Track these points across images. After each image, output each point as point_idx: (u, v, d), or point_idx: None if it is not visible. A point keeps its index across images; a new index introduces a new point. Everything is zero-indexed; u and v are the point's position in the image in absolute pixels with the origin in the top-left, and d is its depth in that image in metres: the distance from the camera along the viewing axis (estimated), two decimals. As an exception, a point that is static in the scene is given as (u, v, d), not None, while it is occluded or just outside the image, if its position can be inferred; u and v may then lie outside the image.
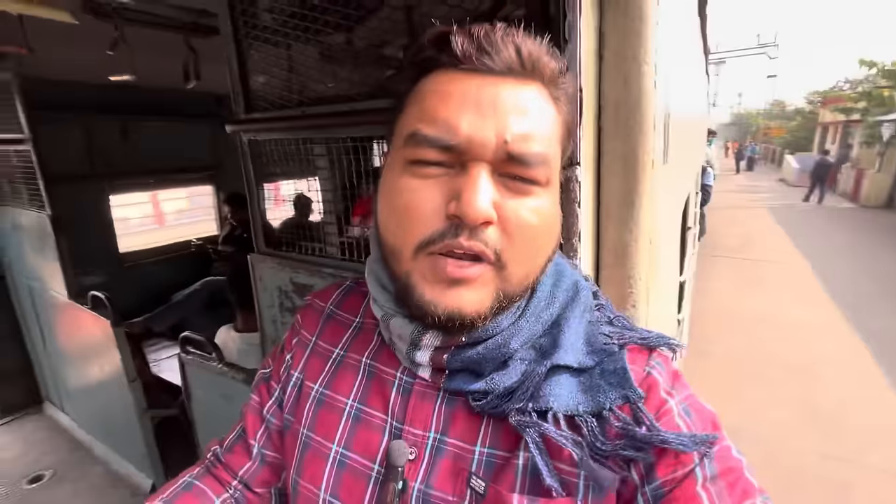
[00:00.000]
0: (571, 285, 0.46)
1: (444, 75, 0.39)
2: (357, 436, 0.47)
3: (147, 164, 3.39)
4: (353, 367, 0.50)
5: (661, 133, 0.67)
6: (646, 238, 0.63)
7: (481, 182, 0.36)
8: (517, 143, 0.37)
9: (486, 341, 0.42)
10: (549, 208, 0.40)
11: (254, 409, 0.57)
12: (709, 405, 0.42)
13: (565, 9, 0.52)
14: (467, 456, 0.42)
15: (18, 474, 2.45)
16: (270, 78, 1.19)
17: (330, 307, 0.56)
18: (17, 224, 2.48)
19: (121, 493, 2.29)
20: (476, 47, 0.37)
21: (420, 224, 0.38)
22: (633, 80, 0.58)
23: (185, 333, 1.80)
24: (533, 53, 0.38)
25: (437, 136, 0.37)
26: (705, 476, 0.36)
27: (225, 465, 0.56)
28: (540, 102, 0.39)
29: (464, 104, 0.37)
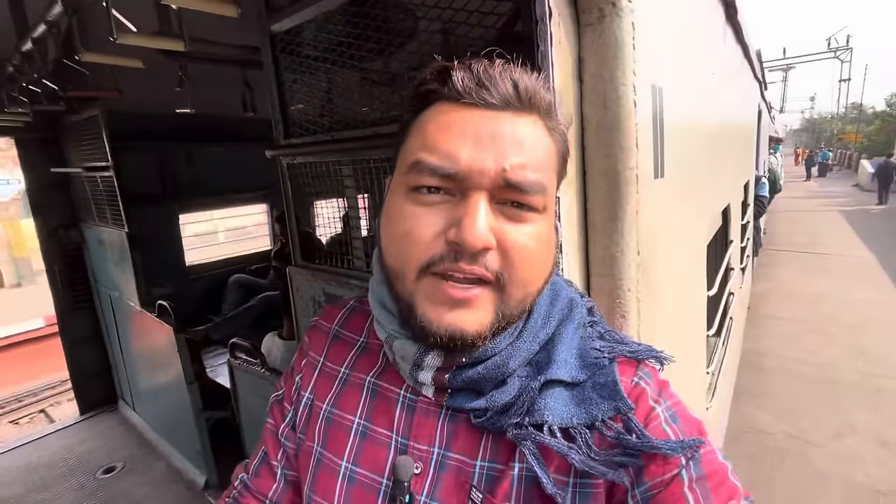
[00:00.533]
0: (567, 304, 0.48)
1: (446, 108, 0.40)
2: (365, 452, 0.49)
3: (209, 186, 3.73)
4: (359, 386, 0.52)
5: (650, 149, 0.69)
6: (633, 251, 0.65)
7: (480, 210, 0.38)
8: (515, 172, 0.38)
9: (486, 361, 0.43)
10: (545, 233, 0.42)
11: (271, 432, 0.59)
12: (693, 412, 0.43)
13: (538, 40, 0.57)
14: (469, 470, 0.44)
15: (95, 465, 2.73)
16: (306, 106, 1.31)
17: (336, 327, 0.58)
18: (101, 240, 2.82)
19: (178, 488, 2.49)
20: (476, 82, 0.39)
21: (421, 247, 0.40)
22: (612, 100, 0.61)
23: (233, 340, 1.96)
24: (529, 88, 0.40)
25: (439, 165, 0.39)
26: (691, 478, 0.37)
27: (253, 492, 0.59)
28: (536, 133, 0.40)
29: (464, 136, 0.39)
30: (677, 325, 0.93)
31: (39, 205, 2.98)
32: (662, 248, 0.79)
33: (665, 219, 0.80)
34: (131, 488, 2.52)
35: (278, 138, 1.38)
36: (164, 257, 3.45)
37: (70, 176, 2.95)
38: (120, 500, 2.44)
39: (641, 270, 0.67)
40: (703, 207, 1.21)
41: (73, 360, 3.22)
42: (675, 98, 0.87)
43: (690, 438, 0.39)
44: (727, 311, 1.84)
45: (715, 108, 1.35)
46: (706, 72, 1.20)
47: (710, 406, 1.41)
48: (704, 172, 1.22)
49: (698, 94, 1.12)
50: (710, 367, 1.46)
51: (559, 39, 0.58)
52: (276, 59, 1.32)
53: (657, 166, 0.73)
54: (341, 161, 1.22)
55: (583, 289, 0.68)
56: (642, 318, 0.69)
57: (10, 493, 2.53)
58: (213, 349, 3.21)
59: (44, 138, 2.89)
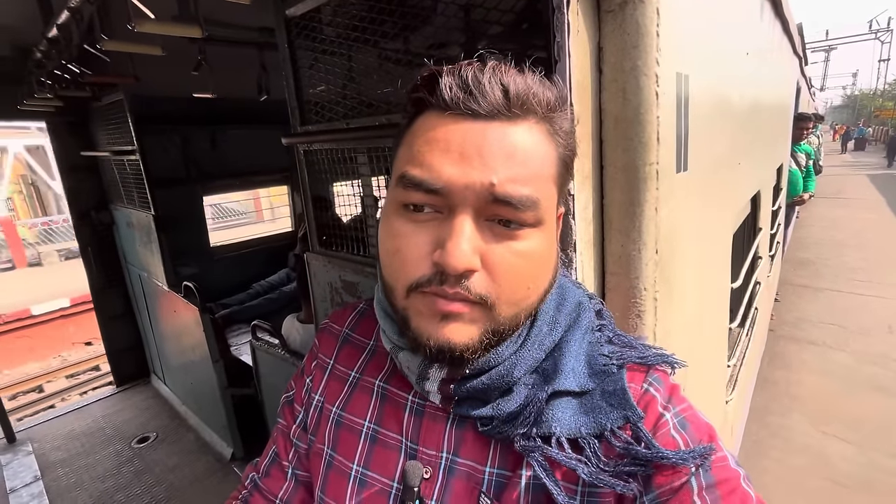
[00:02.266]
0: (574, 308, 0.47)
1: (434, 118, 0.39)
2: (375, 456, 0.49)
3: (232, 168, 3.79)
4: (368, 390, 0.52)
5: (672, 142, 0.66)
6: (650, 249, 0.63)
7: (464, 231, 0.37)
8: (503, 187, 0.36)
9: (490, 372, 0.43)
10: (539, 248, 0.40)
11: (282, 433, 0.59)
12: (706, 418, 0.42)
13: (554, 31, 0.54)
14: (479, 476, 0.44)
15: (130, 435, 2.89)
16: (322, 92, 1.30)
17: (346, 331, 0.58)
18: (130, 222, 2.92)
19: (208, 459, 2.62)
20: (464, 90, 0.37)
21: (410, 267, 0.39)
22: (632, 92, 0.58)
23: (255, 322, 2.02)
24: (522, 93, 0.37)
25: (423, 180, 0.37)
26: (701, 485, 0.37)
27: (263, 492, 0.59)
28: (531, 142, 0.38)
29: (449, 150, 0.37)
30: (697, 321, 0.91)
31: (71, 187, 3.08)
32: (683, 243, 0.76)
33: (687, 213, 0.77)
34: (164, 457, 2.67)
35: (294, 125, 1.38)
36: (189, 238, 3.54)
37: (99, 159, 3.04)
38: (154, 468, 2.59)
39: (659, 269, 0.65)
40: (730, 197, 1.15)
41: (107, 335, 3.38)
42: (704, 85, 0.83)
43: (700, 446, 0.38)
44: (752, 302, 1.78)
45: (748, 90, 1.28)
46: (740, 52, 1.12)
47: (730, 399, 1.39)
48: (733, 160, 1.16)
49: (730, 77, 1.05)
50: (732, 359, 1.42)
51: (577, 29, 0.55)
52: (292, 43, 1.31)
53: (680, 160, 0.69)
54: (357, 149, 1.21)
55: (597, 288, 0.67)
56: (659, 317, 0.67)
57: (56, 458, 2.72)
58: (236, 328, 3.32)
59: (73, 122, 2.97)
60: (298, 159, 1.41)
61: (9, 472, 2.61)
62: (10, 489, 2.47)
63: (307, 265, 1.52)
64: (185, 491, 2.39)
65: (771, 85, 1.86)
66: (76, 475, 2.56)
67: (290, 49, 1.31)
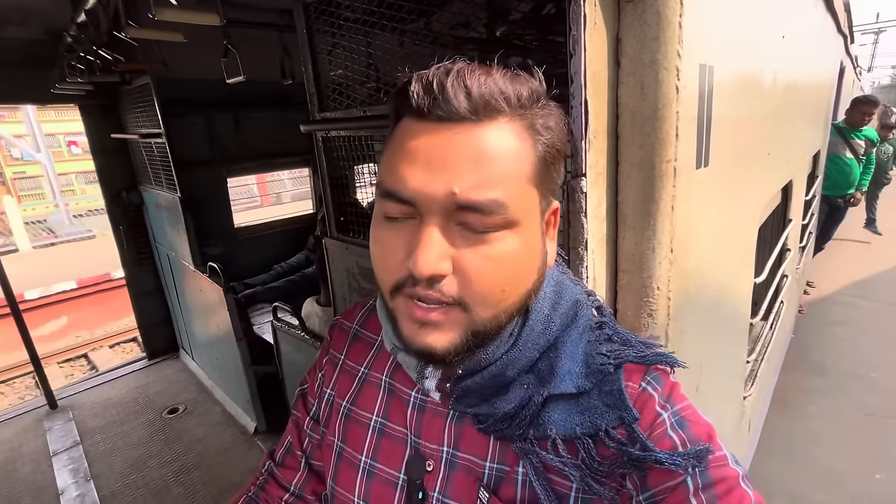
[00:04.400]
0: (570, 306, 0.46)
1: (407, 125, 0.39)
2: (382, 448, 0.51)
3: (255, 150, 3.84)
4: (376, 385, 0.54)
5: (692, 138, 0.64)
6: (665, 248, 0.62)
7: (430, 240, 0.37)
8: (466, 194, 0.36)
9: (482, 372, 0.43)
10: (513, 249, 0.39)
11: (296, 424, 0.62)
12: (706, 416, 0.42)
13: (570, 23, 0.52)
14: (479, 470, 0.46)
15: (161, 406, 3.05)
16: (339, 78, 1.30)
17: (356, 327, 0.60)
18: (157, 203, 3.01)
19: (232, 431, 2.74)
20: (429, 97, 0.37)
21: (390, 271, 0.40)
22: (650, 86, 0.56)
23: (276, 304, 2.07)
24: (487, 94, 0.36)
25: (392, 189, 0.38)
26: (697, 485, 0.37)
27: (277, 479, 0.62)
28: (500, 143, 0.37)
29: (415, 159, 0.37)
30: (714, 318, 0.89)
31: (103, 168, 3.19)
32: (702, 240, 0.74)
33: (706, 210, 0.74)
34: (192, 428, 2.81)
35: (313, 112, 1.39)
36: (214, 219, 3.64)
37: (128, 141, 3.13)
38: (183, 437, 2.73)
39: (674, 267, 0.64)
40: (756, 190, 1.11)
41: (139, 310, 3.54)
42: (731, 74, 0.79)
43: (695, 448, 0.38)
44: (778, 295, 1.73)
45: (783, 75, 1.21)
46: (774, 36, 1.06)
47: (748, 395, 1.36)
48: (762, 151, 1.11)
49: (762, 63, 1.00)
50: (752, 355, 1.39)
51: (594, 20, 0.53)
52: (311, 28, 1.30)
53: (700, 156, 0.67)
54: (374, 136, 1.22)
55: (609, 286, 0.66)
56: (672, 316, 0.66)
57: (94, 425, 2.89)
58: (259, 307, 3.42)
59: (104, 105, 3.06)
60: (317, 146, 1.42)
61: (51, 436, 2.80)
62: (52, 452, 2.65)
63: (325, 250, 1.55)
64: (212, 460, 2.52)
65: (810, 67, 1.76)
66: (112, 441, 2.73)
67: (309, 34, 1.30)
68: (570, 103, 0.55)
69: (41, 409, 3.07)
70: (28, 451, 2.69)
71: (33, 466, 2.55)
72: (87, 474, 2.46)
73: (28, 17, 2.46)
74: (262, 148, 3.88)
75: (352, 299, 1.50)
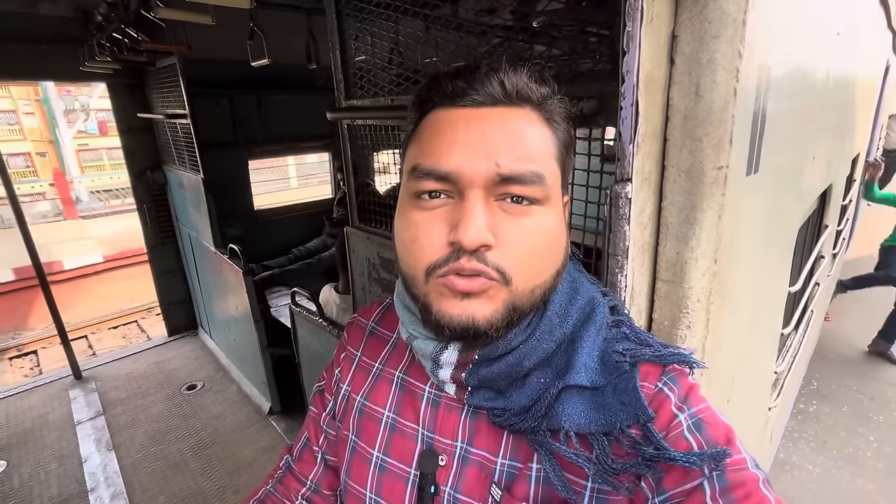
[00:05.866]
0: (587, 302, 0.47)
1: (440, 113, 0.42)
2: (394, 443, 0.52)
3: (276, 133, 3.85)
4: (389, 381, 0.55)
5: (745, 143, 0.60)
6: (709, 259, 0.59)
7: (476, 209, 0.39)
8: (508, 165, 0.39)
9: (499, 361, 0.44)
10: (549, 226, 0.41)
11: (313, 420, 0.63)
12: (725, 418, 0.41)
13: (625, 18, 0.49)
14: (491, 466, 0.46)
15: (180, 382, 3.13)
16: (367, 65, 1.27)
17: (372, 324, 0.61)
18: (181, 183, 3.04)
19: (248, 410, 2.81)
20: (464, 84, 0.40)
21: (427, 253, 0.41)
22: (706, 87, 0.52)
23: (294, 289, 2.09)
24: (516, 84, 0.40)
25: (433, 167, 0.40)
26: (714, 489, 0.36)
27: (295, 474, 0.64)
28: (530, 124, 0.41)
29: (454, 137, 0.40)
30: (749, 330, 0.86)
31: (129, 147, 3.23)
32: (744, 251, 0.71)
33: (753, 219, 0.71)
34: (209, 405, 2.88)
35: (339, 99, 1.37)
36: (234, 201, 3.68)
37: (154, 121, 3.16)
38: (201, 413, 2.80)
39: (716, 280, 0.61)
40: (799, 196, 1.06)
41: (161, 288, 3.61)
42: (786, 74, 0.74)
43: (712, 450, 0.37)
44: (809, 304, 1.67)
45: (832, 74, 1.14)
46: (829, 33, 1.00)
47: (773, 406, 1.32)
48: (808, 155, 1.06)
49: (815, 62, 0.94)
50: (781, 365, 1.35)
51: (651, 17, 0.49)
52: (340, 13, 1.28)
53: (752, 161, 0.63)
54: (400, 126, 1.19)
55: (646, 295, 0.63)
56: (710, 329, 0.63)
57: (116, 396, 2.99)
58: (276, 290, 3.47)
59: (131, 84, 3.09)
60: (342, 133, 1.40)
61: (76, 405, 2.90)
62: (77, 421, 2.75)
63: (347, 238, 1.55)
64: (227, 437, 2.58)
65: (858, 65, 1.66)
66: (133, 413, 2.82)
67: (339, 19, 1.28)
68: (618, 104, 0.52)
69: (66, 378, 3.18)
70: (54, 418, 2.79)
71: (59, 434, 2.65)
72: (108, 444, 2.55)
73: (60, -6, 2.48)
74: (283, 131, 3.89)
75: (371, 289, 1.50)
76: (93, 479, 2.30)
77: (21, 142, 14.80)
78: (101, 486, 2.25)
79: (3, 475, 2.35)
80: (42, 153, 15.06)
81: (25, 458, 2.46)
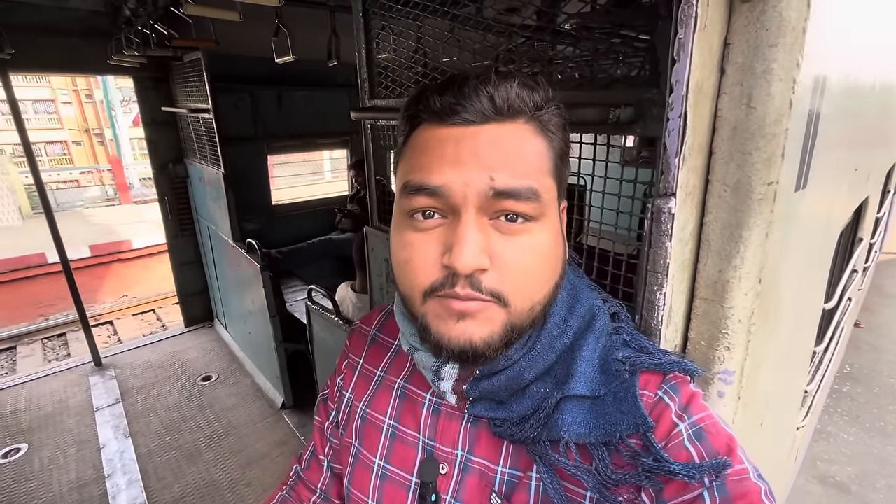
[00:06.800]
0: (587, 310, 0.46)
1: (429, 129, 0.41)
2: (395, 451, 0.52)
3: (295, 129, 3.87)
4: (390, 388, 0.55)
5: (796, 157, 0.57)
6: (753, 278, 0.56)
7: (469, 233, 0.38)
8: (504, 180, 0.37)
9: (500, 374, 0.43)
10: (544, 242, 0.40)
11: (318, 429, 0.64)
12: (728, 427, 0.40)
13: (677, 25, 0.46)
14: (491, 475, 0.46)
15: (195, 373, 3.18)
16: (392, 65, 1.26)
17: (374, 331, 0.61)
18: (202, 177, 3.08)
19: (261, 404, 2.83)
20: (452, 100, 0.39)
21: (422, 275, 0.40)
22: (759, 99, 0.49)
23: (311, 287, 2.09)
24: (508, 98, 0.38)
25: (424, 183, 0.39)
26: (714, 500, 0.36)
27: (305, 482, 0.65)
28: (524, 137, 0.39)
29: (444, 155, 0.39)
30: (786, 350, 0.82)
31: (152, 139, 3.28)
32: (788, 269, 0.67)
33: (798, 235, 0.67)
34: (224, 397, 2.91)
35: (363, 98, 1.36)
36: (253, 195, 3.71)
37: (177, 115, 3.20)
38: (215, 404, 2.84)
39: (760, 300, 0.58)
40: (840, 209, 1.01)
41: (179, 279, 3.67)
42: (839, 84, 0.71)
43: (712, 461, 0.36)
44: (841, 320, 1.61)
45: (881, 82, 1.09)
46: (881, 38, 0.95)
47: (802, 425, 1.28)
48: (850, 168, 1.01)
49: (867, 69, 0.89)
50: (811, 384, 1.30)
51: (705, 23, 0.47)
52: (367, 12, 1.26)
53: (801, 176, 0.60)
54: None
55: (684, 313, 0.61)
56: (750, 351, 0.60)
57: (135, 385, 3.05)
58: (292, 285, 3.49)
59: (156, 78, 3.13)
60: (365, 133, 1.39)
61: (95, 392, 2.97)
62: (96, 407, 2.81)
63: (366, 238, 1.54)
64: (241, 430, 2.61)
65: (900, 73, 1.59)
66: (150, 402, 2.87)
67: (365, 18, 1.26)
68: (665, 115, 0.50)
69: (87, 365, 3.25)
70: (74, 403, 2.86)
71: (78, 419, 2.71)
72: (126, 431, 2.60)
73: (90, -11, 2.52)
74: (302, 127, 3.90)
75: (389, 290, 1.49)
76: (110, 466, 2.34)
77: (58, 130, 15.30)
78: (118, 473, 2.30)
79: (25, 457, 2.41)
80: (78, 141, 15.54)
81: (46, 442, 2.52)
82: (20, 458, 2.41)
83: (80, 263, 7.06)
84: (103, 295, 6.88)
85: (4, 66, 2.54)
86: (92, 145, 15.79)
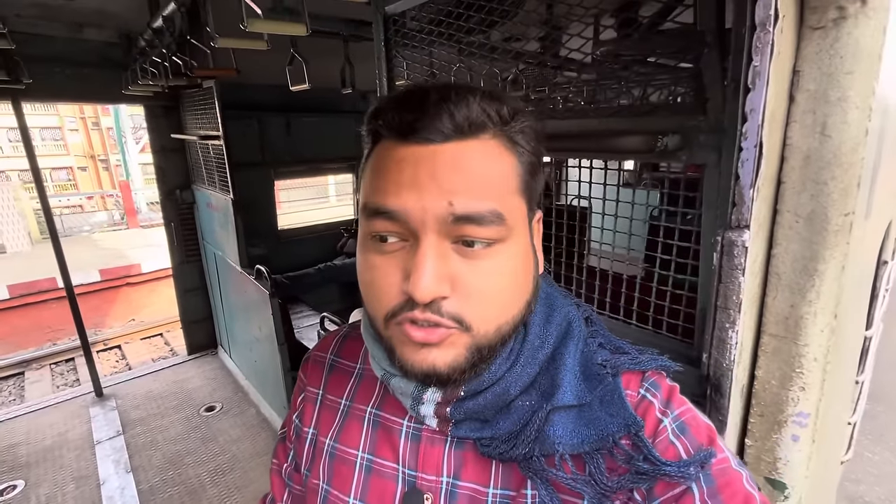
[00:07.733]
0: (563, 318, 0.46)
1: (388, 147, 0.39)
2: (371, 487, 0.47)
3: (302, 154, 3.90)
4: (360, 418, 0.50)
5: (867, 186, 0.55)
6: (830, 313, 0.53)
7: (428, 260, 0.36)
8: (464, 203, 0.35)
9: (486, 392, 0.42)
10: (510, 265, 0.39)
11: (276, 472, 0.58)
12: (705, 418, 0.41)
13: (751, 52, 0.45)
14: (482, 498, 0.43)
15: (199, 403, 3.09)
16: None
17: (331, 356, 0.56)
18: (209, 203, 3.07)
19: (267, 435, 2.74)
20: (410, 118, 0.37)
21: (384, 300, 0.39)
22: (835, 127, 0.47)
23: (324, 314, 2.05)
24: (469, 114, 0.37)
25: (380, 206, 0.37)
26: (702, 491, 0.37)
27: None
28: (489, 156, 0.37)
29: (402, 178, 0.37)
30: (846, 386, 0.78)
31: (160, 166, 3.29)
32: (856, 300, 0.64)
33: (865, 266, 0.64)
34: (228, 428, 2.82)
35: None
36: (260, 220, 3.70)
37: (185, 141, 3.22)
38: (219, 437, 2.75)
39: (835, 336, 0.55)
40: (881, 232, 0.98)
41: (183, 305, 3.62)
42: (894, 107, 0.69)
43: (698, 454, 0.37)
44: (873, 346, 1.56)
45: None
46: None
47: (846, 459, 1.22)
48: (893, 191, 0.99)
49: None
50: (854, 415, 1.24)
51: (779, 50, 0.45)
52: (389, 41, 1.27)
53: (869, 203, 0.58)
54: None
55: (751, 350, 0.57)
56: (825, 391, 0.56)
57: (136, 416, 2.96)
58: (300, 311, 3.44)
59: (167, 106, 3.16)
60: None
61: (96, 423, 2.88)
62: (96, 440, 2.72)
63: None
64: (246, 463, 2.52)
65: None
66: (152, 434, 2.78)
67: (387, 46, 1.27)
68: (739, 144, 0.48)
69: (88, 395, 3.17)
70: (74, 436, 2.77)
71: (78, 453, 2.62)
72: (127, 466, 2.51)
73: (106, 21, 2.57)
74: (308, 152, 3.93)
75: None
76: (110, 503, 2.25)
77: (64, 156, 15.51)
78: (118, 512, 2.20)
79: (21, 495, 2.32)
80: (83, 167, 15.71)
81: (43, 478, 2.43)
82: (16, 495, 2.31)
83: (90, 287, 7.02)
84: (112, 319, 6.82)
85: (17, 94, 2.57)
86: (97, 171, 15.96)
